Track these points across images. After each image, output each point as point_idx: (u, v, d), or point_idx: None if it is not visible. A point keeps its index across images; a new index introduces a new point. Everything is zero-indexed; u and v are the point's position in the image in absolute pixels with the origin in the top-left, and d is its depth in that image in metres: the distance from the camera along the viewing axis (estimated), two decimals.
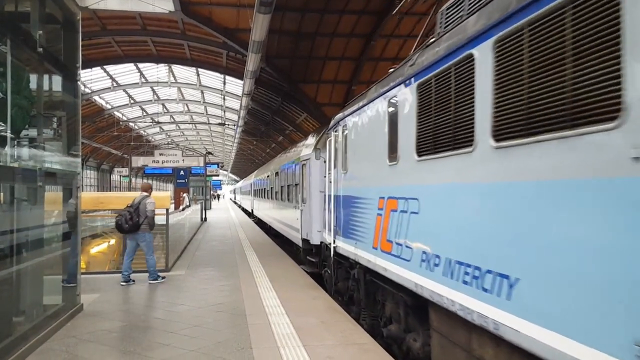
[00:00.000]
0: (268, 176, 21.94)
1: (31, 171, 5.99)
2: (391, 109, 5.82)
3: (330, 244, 8.85)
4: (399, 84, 5.56)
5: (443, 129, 4.39)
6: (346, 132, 7.91)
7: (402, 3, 15.69)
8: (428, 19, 7.56)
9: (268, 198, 22.01)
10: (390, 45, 21.18)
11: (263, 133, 39.46)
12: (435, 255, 4.50)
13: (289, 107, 28.26)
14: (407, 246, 5.18)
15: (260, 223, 26.81)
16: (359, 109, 7.25)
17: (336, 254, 8.56)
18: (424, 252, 4.75)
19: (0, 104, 5.03)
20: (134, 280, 9.44)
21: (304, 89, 23.93)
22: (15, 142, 5.54)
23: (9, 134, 5.18)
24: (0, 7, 5.31)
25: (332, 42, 20.55)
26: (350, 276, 8.00)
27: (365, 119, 6.92)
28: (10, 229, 5.35)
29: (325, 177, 9.73)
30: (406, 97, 5.30)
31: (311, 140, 13.15)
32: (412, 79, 5.13)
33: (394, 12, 16.59)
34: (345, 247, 7.84)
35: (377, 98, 6.39)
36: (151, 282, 9.49)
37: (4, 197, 5.72)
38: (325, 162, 9.93)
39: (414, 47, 6.68)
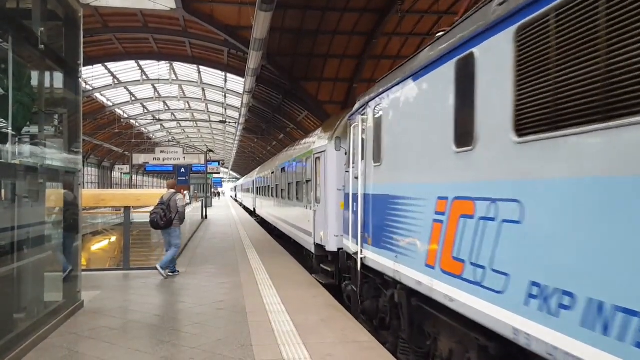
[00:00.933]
0: (273, 172, 19.96)
1: (32, 168, 5.99)
2: (462, 73, 4.23)
3: (355, 253, 7.28)
4: (478, 36, 3.98)
5: (579, 87, 2.81)
6: (380, 113, 6.35)
7: (402, 2, 15.67)
8: None
9: (272, 196, 20.08)
10: (392, 43, 21.17)
11: (264, 131, 39.46)
12: (563, 293, 2.91)
13: (290, 105, 28.26)
14: (496, 271, 3.60)
15: (263, 223, 25.37)
16: (401, 81, 5.63)
17: (364, 266, 7.01)
18: (536, 285, 3.15)
19: (1, 100, 5.04)
20: (178, 271, 10.18)
21: (305, 87, 23.93)
22: (17, 139, 5.55)
23: (10, 131, 5.19)
24: (2, 3, 5.30)
25: (333, 40, 20.54)
26: (385, 296, 6.45)
27: (412, 94, 5.32)
28: (11, 226, 5.36)
29: (347, 171, 8.19)
30: (493, 50, 3.76)
31: (325, 130, 11.37)
32: (507, 23, 3.57)
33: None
34: (378, 259, 6.29)
35: (434, 62, 4.75)
36: (162, 272, 9.59)
37: (5, 194, 5.73)
38: (346, 154, 8.43)
39: None
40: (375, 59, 22.22)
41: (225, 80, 32.29)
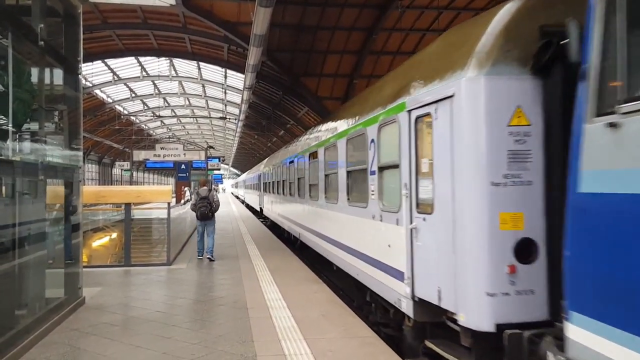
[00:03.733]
0: (292, 162, 14.58)
1: (32, 165, 6.00)
2: None
3: None
4: None
5: None
6: None
7: None
8: None
9: (291, 195, 14.79)
10: (392, 38, 21.11)
11: (264, 127, 39.43)
12: None
13: (290, 101, 28.22)
14: None
15: (273, 227, 20.81)
16: None
17: None
18: None
19: (1, 97, 5.03)
20: (202, 257, 11.67)
21: (305, 83, 23.88)
22: (17, 135, 5.54)
23: (10, 128, 5.19)
24: (1, 0, 5.29)
25: (333, 35, 20.48)
26: None
27: None
28: (12, 223, 5.37)
29: (613, 125, 2.80)
30: None
31: (447, 52, 5.14)
32: None
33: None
34: None
35: None
36: (209, 258, 11.49)
37: (6, 191, 5.74)
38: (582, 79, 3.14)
39: None
40: (375, 55, 22.16)
41: (225, 77, 32.23)
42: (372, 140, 6.67)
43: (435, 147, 4.85)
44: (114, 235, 15.50)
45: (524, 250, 4.16)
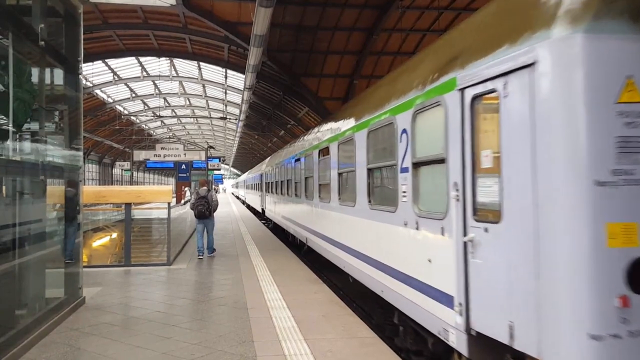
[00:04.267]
0: (298, 160, 13.34)
1: (33, 165, 6.00)
2: None
3: None
4: None
5: None
6: None
7: None
8: None
9: (298, 197, 13.29)
10: (392, 39, 21.11)
11: (265, 127, 39.44)
12: None
13: (291, 101, 28.24)
14: None
15: (276, 229, 20.32)
16: None
17: None
18: None
19: (1, 97, 5.04)
20: (202, 257, 11.90)
21: (305, 83, 23.89)
22: (17, 135, 5.55)
23: (10, 128, 5.19)
24: (2, 0, 5.29)
25: (333, 35, 20.49)
26: None
27: None
28: (12, 223, 5.37)
29: None
30: None
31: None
32: None
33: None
34: None
35: None
36: (209, 255, 12.09)
37: (6, 191, 5.74)
38: None
39: None
40: (375, 55, 22.16)
41: (226, 77, 32.25)
42: (404, 131, 5.41)
43: (504, 134, 3.66)
44: (114, 235, 15.52)
45: None
